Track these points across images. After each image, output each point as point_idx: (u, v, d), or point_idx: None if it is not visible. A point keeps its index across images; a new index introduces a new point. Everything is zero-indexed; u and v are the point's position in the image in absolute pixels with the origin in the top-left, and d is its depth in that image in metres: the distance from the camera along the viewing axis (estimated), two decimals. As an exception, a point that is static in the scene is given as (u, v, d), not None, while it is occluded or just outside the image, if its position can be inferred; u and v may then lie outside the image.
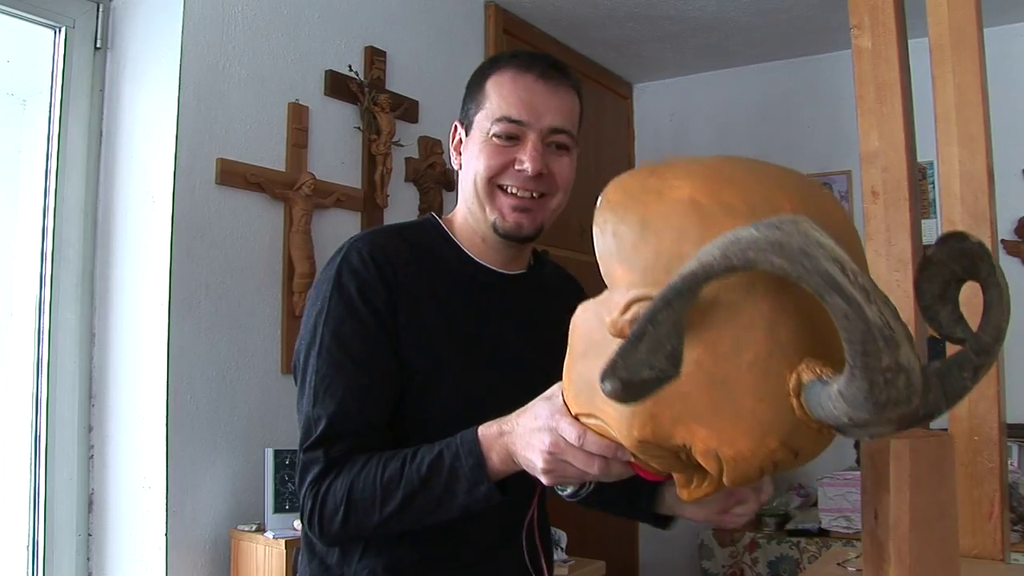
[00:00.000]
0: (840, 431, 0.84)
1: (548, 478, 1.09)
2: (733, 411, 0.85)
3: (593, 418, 0.98)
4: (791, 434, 0.85)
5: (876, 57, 1.66)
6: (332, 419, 1.25)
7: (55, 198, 2.38)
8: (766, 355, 0.84)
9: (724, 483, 0.90)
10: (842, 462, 3.84)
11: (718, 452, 0.87)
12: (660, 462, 0.93)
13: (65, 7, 2.39)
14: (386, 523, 1.21)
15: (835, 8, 3.52)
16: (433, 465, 1.19)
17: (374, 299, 1.28)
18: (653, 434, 0.88)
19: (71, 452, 2.37)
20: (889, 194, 1.61)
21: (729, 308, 0.84)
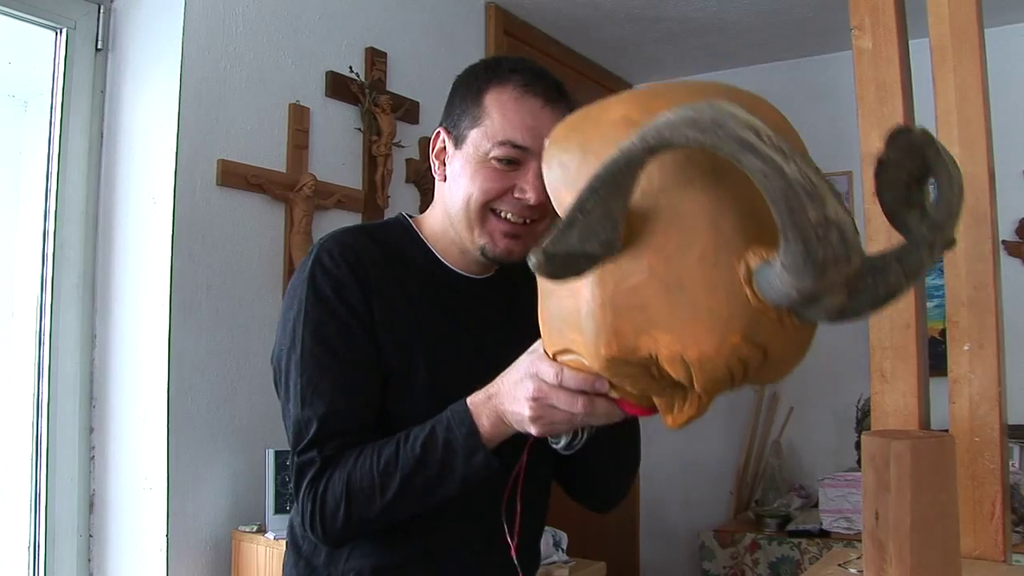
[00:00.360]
0: (796, 313, 0.85)
1: (537, 427, 1.10)
2: (691, 311, 0.87)
3: (569, 353, 1.01)
4: (752, 327, 0.86)
5: (877, 58, 1.65)
6: (323, 420, 1.24)
7: (56, 199, 2.38)
8: (713, 249, 0.86)
9: (701, 395, 0.92)
10: (843, 463, 3.84)
11: (683, 356, 0.88)
12: (635, 384, 0.96)
13: (66, 9, 2.39)
14: (388, 510, 1.21)
15: (835, 9, 3.52)
16: (427, 442, 1.19)
17: (350, 298, 1.27)
18: (619, 348, 0.91)
19: (72, 453, 2.37)
20: (890, 195, 1.61)
21: (670, 211, 0.87)
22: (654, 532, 4.62)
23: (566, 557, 2.98)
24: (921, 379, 1.54)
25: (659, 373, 0.92)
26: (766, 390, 4.26)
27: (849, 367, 3.97)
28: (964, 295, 1.51)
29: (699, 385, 0.91)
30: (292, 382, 1.27)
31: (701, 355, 0.88)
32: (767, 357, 0.90)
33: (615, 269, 0.89)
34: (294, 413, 1.26)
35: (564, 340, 1.00)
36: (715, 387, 0.92)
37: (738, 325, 0.86)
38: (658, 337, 0.89)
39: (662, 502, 4.50)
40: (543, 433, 1.13)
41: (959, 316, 1.51)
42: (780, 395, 4.30)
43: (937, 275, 1.72)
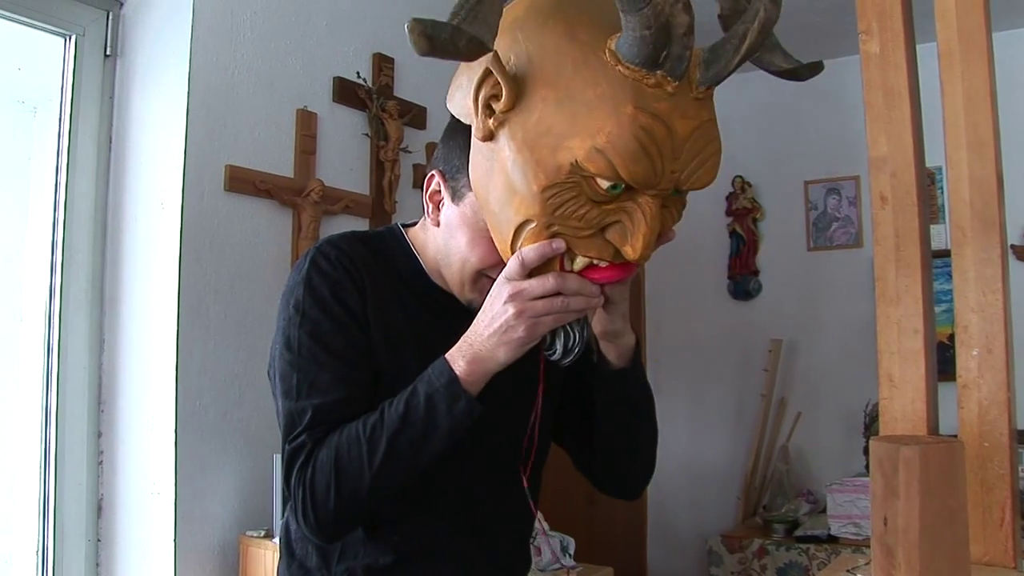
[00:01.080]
0: (661, 67, 1.02)
1: (525, 331, 1.12)
2: (585, 108, 1.03)
3: (521, 230, 1.11)
4: (638, 96, 1.02)
5: (884, 62, 1.65)
6: (317, 409, 1.23)
7: (65, 205, 2.39)
8: (580, 55, 1.04)
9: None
10: (851, 468, 3.83)
11: (595, 147, 1.02)
12: (580, 217, 1.06)
13: (75, 15, 2.40)
14: (379, 480, 1.18)
15: (842, 13, 3.52)
16: (409, 400, 1.19)
17: (347, 299, 1.28)
18: (546, 174, 1.04)
19: (80, 458, 2.38)
20: (898, 199, 1.61)
21: (540, 51, 1.07)
22: (662, 537, 4.61)
23: (573, 562, 2.98)
24: (930, 384, 1.54)
25: (591, 189, 1.04)
26: (774, 395, 4.26)
27: (856, 372, 3.97)
28: (973, 300, 1.51)
29: (621, 169, 1.02)
30: (287, 379, 1.27)
31: (608, 136, 1.01)
32: (671, 131, 1.03)
33: (517, 119, 1.06)
34: (287, 406, 1.26)
35: (510, 219, 1.10)
36: (639, 169, 1.02)
37: (626, 97, 1.02)
38: (570, 145, 1.03)
39: (670, 507, 4.50)
40: (529, 339, 1.14)
41: (968, 321, 1.50)
42: (788, 400, 4.30)
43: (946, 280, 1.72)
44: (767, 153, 4.50)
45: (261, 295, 2.53)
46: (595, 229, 1.08)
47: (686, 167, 1.07)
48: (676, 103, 1.04)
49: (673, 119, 1.03)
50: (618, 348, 1.33)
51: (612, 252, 1.09)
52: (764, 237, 4.51)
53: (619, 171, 1.02)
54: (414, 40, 0.94)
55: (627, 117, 1.01)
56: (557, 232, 1.08)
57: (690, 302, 4.66)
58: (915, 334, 1.54)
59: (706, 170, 1.10)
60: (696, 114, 1.06)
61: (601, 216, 1.07)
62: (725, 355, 4.53)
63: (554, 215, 1.06)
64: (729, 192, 4.54)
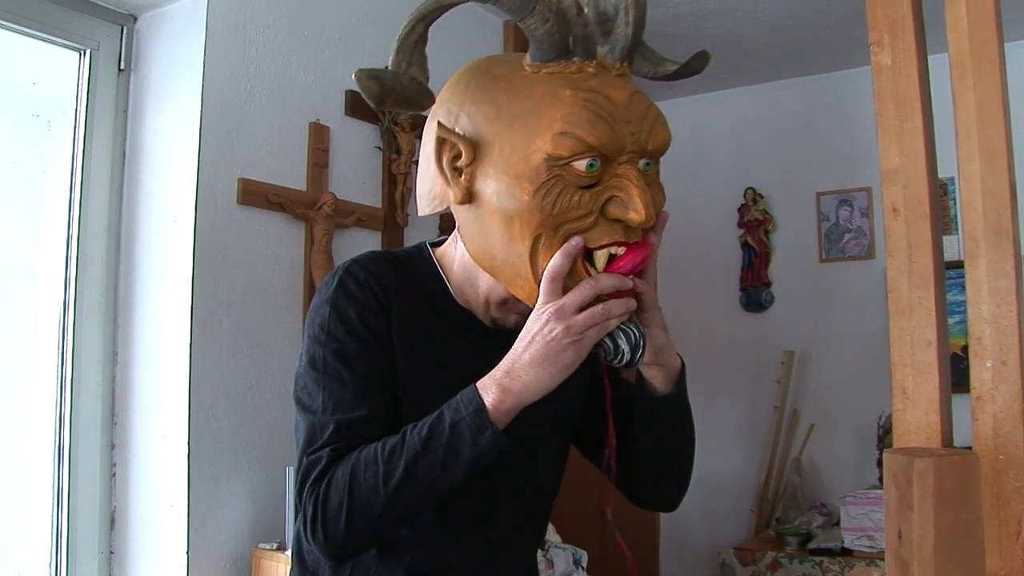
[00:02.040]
0: (568, 48, 1.15)
1: (573, 350, 1.12)
2: (533, 115, 1.14)
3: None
4: (571, 81, 1.14)
5: (896, 74, 1.65)
6: (339, 424, 1.22)
7: (79, 217, 2.40)
8: (507, 84, 1.17)
9: (596, 148, 1.11)
10: (864, 480, 3.81)
11: (557, 133, 1.11)
12: (577, 209, 1.12)
13: (90, 30, 2.42)
14: (392, 503, 1.16)
15: (854, 25, 3.52)
16: (434, 426, 1.17)
17: (372, 321, 1.27)
18: (529, 181, 1.12)
19: (93, 470, 2.38)
20: (910, 211, 1.60)
21: (472, 104, 1.19)
22: (675, 550, 4.60)
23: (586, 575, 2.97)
24: (943, 396, 1.53)
25: (573, 175, 1.12)
26: (787, 407, 4.24)
27: (870, 384, 3.95)
28: (986, 311, 1.50)
29: (590, 139, 1.10)
30: (312, 396, 1.26)
31: (563, 119, 1.11)
32: (610, 99, 1.14)
33: (483, 162, 1.16)
34: (309, 420, 1.25)
35: (521, 250, 1.15)
36: (602, 132, 1.11)
37: (559, 87, 1.14)
38: (536, 147, 1.12)
39: (682, 520, 4.48)
40: (578, 358, 1.13)
41: (981, 332, 1.50)
42: (801, 412, 4.28)
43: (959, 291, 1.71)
44: (779, 165, 4.49)
45: (273, 308, 2.53)
46: (596, 213, 1.13)
47: (640, 127, 1.15)
48: (602, 80, 1.16)
49: (607, 90, 1.15)
50: (664, 371, 1.31)
51: (622, 230, 1.14)
52: (776, 249, 4.50)
53: (587, 140, 1.10)
54: (363, 88, 1.10)
55: (569, 98, 1.13)
56: (568, 232, 1.13)
57: (702, 314, 4.65)
58: (928, 346, 1.53)
59: (659, 127, 1.18)
60: (624, 85, 1.17)
61: (594, 198, 1.13)
62: (737, 367, 4.52)
63: (553, 214, 1.12)
64: (741, 204, 4.54)
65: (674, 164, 5.07)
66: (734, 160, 4.62)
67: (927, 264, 1.56)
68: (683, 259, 4.71)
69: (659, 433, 1.36)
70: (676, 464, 1.42)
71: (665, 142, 1.19)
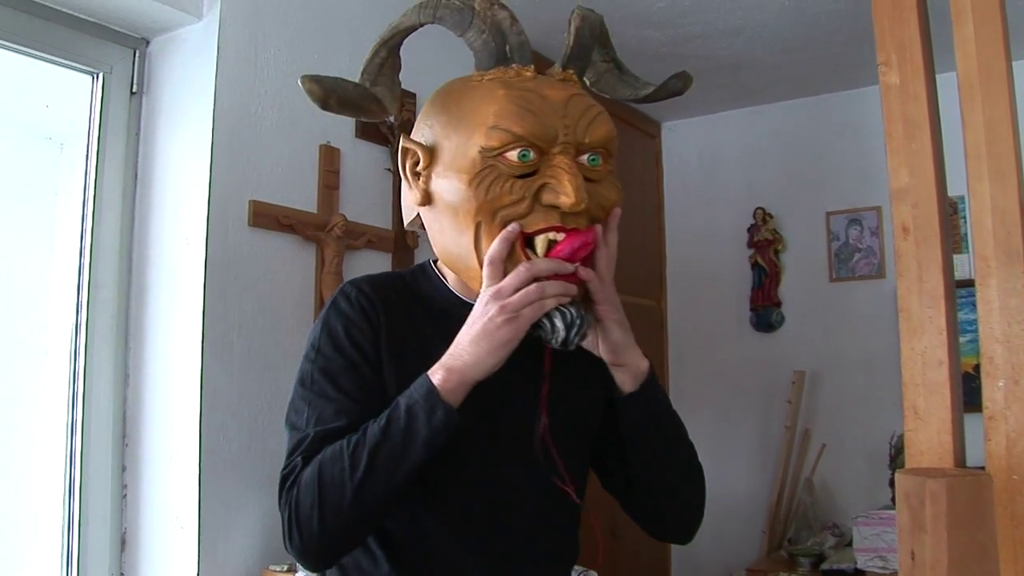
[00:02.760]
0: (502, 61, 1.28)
1: (507, 328, 1.18)
2: (472, 114, 1.25)
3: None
4: (505, 85, 1.25)
5: (904, 94, 1.65)
6: (317, 435, 1.26)
7: (90, 239, 2.41)
8: (458, 93, 1.32)
9: (525, 137, 1.20)
10: (877, 501, 3.79)
11: (489, 127, 1.21)
12: (513, 194, 1.21)
13: (103, 54, 2.44)
14: (360, 494, 1.18)
15: (862, 44, 3.53)
16: (391, 414, 1.21)
17: (359, 337, 1.31)
18: (467, 172, 1.22)
19: (104, 491, 2.38)
20: (920, 231, 1.60)
21: (434, 118, 1.32)
22: (686, 571, 4.57)
23: (597, 597, 2.95)
24: (955, 416, 1.52)
25: (506, 164, 1.21)
26: (798, 427, 4.23)
27: (881, 403, 3.94)
28: (997, 330, 1.50)
29: (518, 128, 1.20)
30: (298, 412, 1.31)
31: (495, 114, 1.22)
32: (545, 97, 1.23)
33: (436, 164, 1.27)
34: (293, 436, 1.29)
35: (467, 239, 1.24)
36: (528, 123, 1.20)
37: (496, 88, 1.25)
38: (473, 141, 1.22)
39: (694, 541, 4.44)
40: (513, 335, 1.19)
41: (993, 352, 1.49)
42: (812, 432, 4.26)
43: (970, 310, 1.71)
44: (788, 184, 4.50)
45: (284, 329, 2.54)
46: (530, 199, 1.21)
47: (576, 122, 1.23)
48: (540, 82, 1.26)
49: (542, 90, 1.24)
50: (629, 371, 1.32)
51: (559, 216, 1.21)
52: (786, 268, 4.50)
53: (515, 131, 1.20)
54: (307, 90, 1.24)
55: (502, 96, 1.23)
56: (504, 218, 1.21)
57: (712, 334, 4.65)
58: (940, 366, 1.53)
59: (598, 123, 1.26)
60: (564, 87, 1.27)
61: (528, 185, 1.21)
62: (748, 387, 4.51)
63: (488, 199, 1.21)
64: (751, 224, 4.54)
65: (683, 184, 5.09)
66: (743, 180, 4.63)
67: (937, 284, 1.56)
68: (693, 279, 4.71)
69: (636, 436, 1.35)
70: (666, 478, 1.39)
71: (604, 136, 1.26)
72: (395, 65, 1.42)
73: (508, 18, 1.29)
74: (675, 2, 3.31)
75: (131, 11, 2.40)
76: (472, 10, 1.28)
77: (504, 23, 1.28)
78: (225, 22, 2.46)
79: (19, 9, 2.24)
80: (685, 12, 3.41)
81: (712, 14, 3.44)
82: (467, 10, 1.29)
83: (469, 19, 1.29)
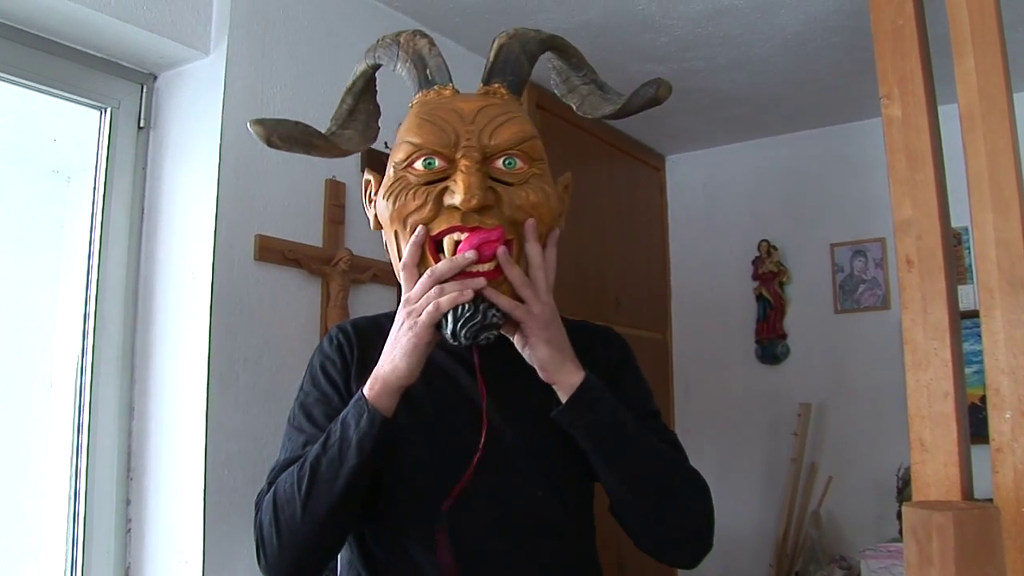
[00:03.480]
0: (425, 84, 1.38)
1: (411, 331, 1.24)
2: (396, 138, 1.36)
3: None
4: (421, 104, 1.36)
5: (907, 126, 1.66)
6: (284, 464, 1.35)
7: (97, 273, 2.42)
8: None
9: (423, 145, 1.29)
10: (885, 534, 3.77)
11: (397, 142, 1.33)
12: (418, 199, 1.28)
13: (111, 89, 2.46)
14: (308, 505, 1.25)
15: (864, 77, 3.55)
16: (331, 428, 1.29)
17: (332, 372, 1.43)
18: (386, 186, 1.33)
19: (108, 525, 2.38)
20: (924, 262, 1.61)
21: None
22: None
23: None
24: (962, 448, 1.52)
25: (414, 174, 1.29)
26: (804, 460, 4.21)
27: (888, 435, 3.92)
28: (1003, 362, 1.50)
29: (416, 139, 1.29)
30: (282, 448, 1.42)
31: (404, 132, 1.33)
32: (455, 108, 1.30)
33: (378, 195, 1.37)
34: (272, 467, 1.39)
35: (393, 249, 1.34)
36: (426, 131, 1.29)
37: (415, 110, 1.35)
38: (392, 160, 1.34)
39: (700, 575, 4.42)
40: (418, 338, 1.24)
41: (999, 383, 1.49)
42: (818, 464, 4.24)
43: (975, 340, 1.71)
44: (792, 216, 4.50)
45: (290, 364, 2.54)
46: (432, 202, 1.27)
47: (482, 127, 1.28)
48: (456, 97, 1.34)
49: (456, 103, 1.32)
50: (562, 388, 1.32)
51: (459, 216, 1.25)
52: (791, 300, 4.50)
53: (414, 141, 1.29)
54: (252, 131, 1.38)
55: (413, 114, 1.34)
56: (413, 223, 1.28)
57: (718, 367, 4.64)
58: (946, 397, 1.53)
59: (504, 128, 1.29)
60: (481, 99, 1.33)
61: (431, 190, 1.27)
62: (754, 420, 4.49)
63: (397, 208, 1.29)
64: (755, 256, 4.54)
65: (688, 217, 5.11)
66: (748, 212, 4.63)
67: (942, 315, 1.56)
68: (698, 312, 4.71)
69: (585, 450, 1.34)
70: (632, 493, 1.36)
71: (510, 138, 1.29)
72: (369, 111, 1.52)
73: (427, 45, 1.38)
74: (678, 37, 3.34)
75: (139, 47, 2.43)
76: (398, 44, 1.39)
77: (423, 50, 1.38)
78: (232, 58, 2.48)
79: (28, 45, 2.26)
80: (688, 46, 3.43)
81: (715, 48, 3.46)
82: (394, 45, 1.40)
83: (396, 53, 1.40)
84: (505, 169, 1.29)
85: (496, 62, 1.38)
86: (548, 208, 1.32)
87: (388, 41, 1.41)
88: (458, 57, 1.45)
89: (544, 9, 3.07)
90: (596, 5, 3.06)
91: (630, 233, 4.43)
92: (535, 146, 1.32)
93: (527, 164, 1.31)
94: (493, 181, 1.28)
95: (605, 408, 1.32)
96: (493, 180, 1.28)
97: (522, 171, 1.30)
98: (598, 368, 1.37)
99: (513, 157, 1.30)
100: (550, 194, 1.33)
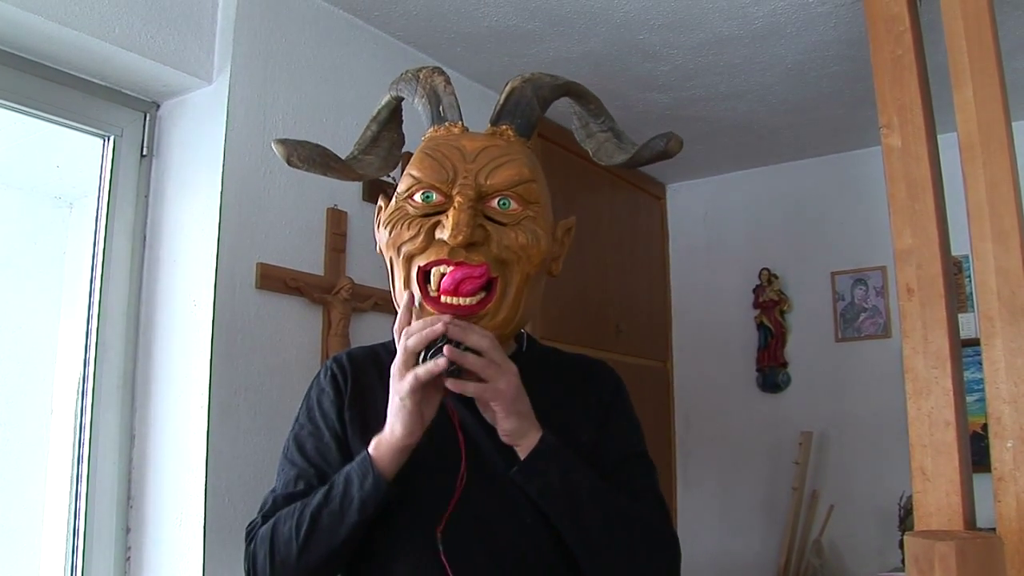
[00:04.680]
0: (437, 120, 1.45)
1: (396, 395, 1.26)
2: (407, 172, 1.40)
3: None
4: (430, 139, 1.43)
5: (906, 155, 1.67)
6: (278, 497, 1.39)
7: (99, 299, 2.42)
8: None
9: (423, 179, 1.35)
10: (887, 563, 3.74)
11: (403, 175, 1.38)
12: (412, 230, 1.33)
13: (115, 117, 2.47)
14: (305, 550, 1.29)
15: (864, 106, 3.57)
16: (335, 479, 1.32)
17: (325, 404, 1.45)
18: (386, 215, 1.38)
19: (108, 553, 2.37)
20: (924, 291, 1.61)
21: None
22: (695, 636, 4.50)
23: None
24: (964, 477, 1.51)
25: (412, 206, 1.35)
26: (806, 488, 4.19)
27: (889, 463, 3.91)
28: (1004, 390, 1.50)
29: (417, 173, 1.34)
30: (277, 478, 1.45)
31: (410, 166, 1.37)
32: (459, 147, 1.36)
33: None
34: (265, 498, 1.43)
35: (391, 277, 1.39)
36: (427, 167, 1.35)
37: (426, 141, 1.43)
38: (399, 191, 1.38)
39: (702, 605, 4.40)
40: (400, 398, 1.25)
41: (1000, 412, 1.49)
42: (820, 493, 4.23)
43: (976, 368, 1.71)
44: (793, 245, 4.51)
45: (290, 392, 2.53)
46: (426, 235, 1.32)
47: (481, 167, 1.33)
48: (464, 135, 1.40)
49: (461, 141, 1.38)
50: (522, 449, 1.33)
51: (447, 250, 1.29)
52: (792, 329, 4.49)
53: (415, 175, 1.35)
54: (276, 149, 1.45)
55: (420, 149, 1.39)
56: (406, 254, 1.33)
57: (719, 396, 4.63)
58: (947, 426, 1.53)
59: (502, 169, 1.34)
60: (486, 139, 1.39)
61: (425, 222, 1.32)
62: (755, 448, 4.48)
63: (392, 236, 1.35)
64: (756, 284, 4.55)
65: (689, 246, 5.12)
66: (748, 241, 4.64)
67: (943, 344, 1.56)
68: (699, 340, 4.71)
69: (543, 508, 1.33)
70: (589, 558, 1.35)
71: (506, 180, 1.34)
72: (393, 139, 1.59)
73: (443, 82, 1.44)
74: (679, 66, 3.36)
75: (142, 75, 2.44)
76: (417, 79, 1.45)
77: (439, 87, 1.44)
78: (234, 86, 2.50)
79: (32, 72, 2.28)
80: (689, 76, 3.45)
81: (715, 77, 3.48)
82: (414, 80, 1.46)
83: (415, 88, 1.46)
84: (499, 209, 1.34)
85: (507, 104, 1.43)
86: (537, 251, 1.35)
87: (409, 76, 1.47)
88: (460, 86, 1.47)
89: (545, 39, 3.09)
90: (597, 35, 3.08)
91: (631, 261, 4.43)
92: (531, 189, 1.36)
93: (521, 206, 1.35)
94: (486, 220, 1.33)
95: (555, 471, 1.32)
96: (487, 219, 1.33)
97: (516, 212, 1.35)
98: (590, 404, 1.45)
99: (508, 198, 1.34)
100: (541, 237, 1.35)
